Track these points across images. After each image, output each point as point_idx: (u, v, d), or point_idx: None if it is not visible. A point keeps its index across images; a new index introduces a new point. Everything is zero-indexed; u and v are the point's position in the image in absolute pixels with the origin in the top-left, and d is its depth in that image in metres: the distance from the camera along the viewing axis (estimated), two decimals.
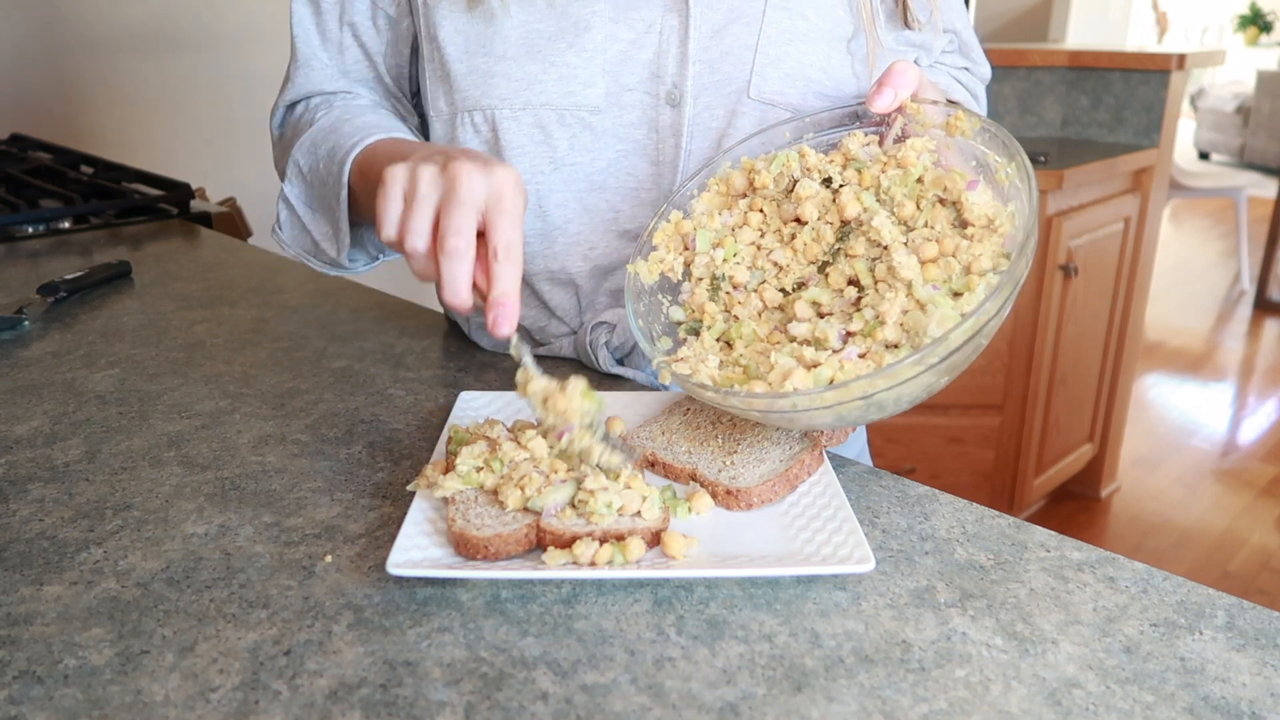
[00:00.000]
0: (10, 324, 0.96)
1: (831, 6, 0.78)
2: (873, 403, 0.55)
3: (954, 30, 0.90)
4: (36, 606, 0.51)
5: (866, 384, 0.53)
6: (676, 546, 0.53)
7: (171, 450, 0.69)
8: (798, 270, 0.67)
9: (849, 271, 0.64)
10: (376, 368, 0.85)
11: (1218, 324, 4.33)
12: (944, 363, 0.54)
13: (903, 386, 0.54)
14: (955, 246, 0.61)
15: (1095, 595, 0.52)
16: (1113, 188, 2.46)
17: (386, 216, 0.61)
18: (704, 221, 0.69)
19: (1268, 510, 2.75)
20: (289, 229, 0.83)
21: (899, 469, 2.37)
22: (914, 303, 0.59)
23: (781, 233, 0.68)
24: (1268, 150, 7.03)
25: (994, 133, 0.63)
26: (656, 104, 0.77)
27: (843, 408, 0.55)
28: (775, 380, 0.58)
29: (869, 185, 0.65)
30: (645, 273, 0.68)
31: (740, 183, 0.70)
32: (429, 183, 0.60)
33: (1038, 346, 2.31)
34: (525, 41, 0.75)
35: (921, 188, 0.64)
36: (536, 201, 0.79)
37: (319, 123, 0.81)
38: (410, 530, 0.54)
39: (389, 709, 0.44)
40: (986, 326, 0.54)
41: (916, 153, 0.64)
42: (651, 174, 0.79)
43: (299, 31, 0.85)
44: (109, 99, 2.33)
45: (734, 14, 0.76)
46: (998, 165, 0.63)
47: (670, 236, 0.69)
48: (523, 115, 0.76)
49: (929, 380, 0.55)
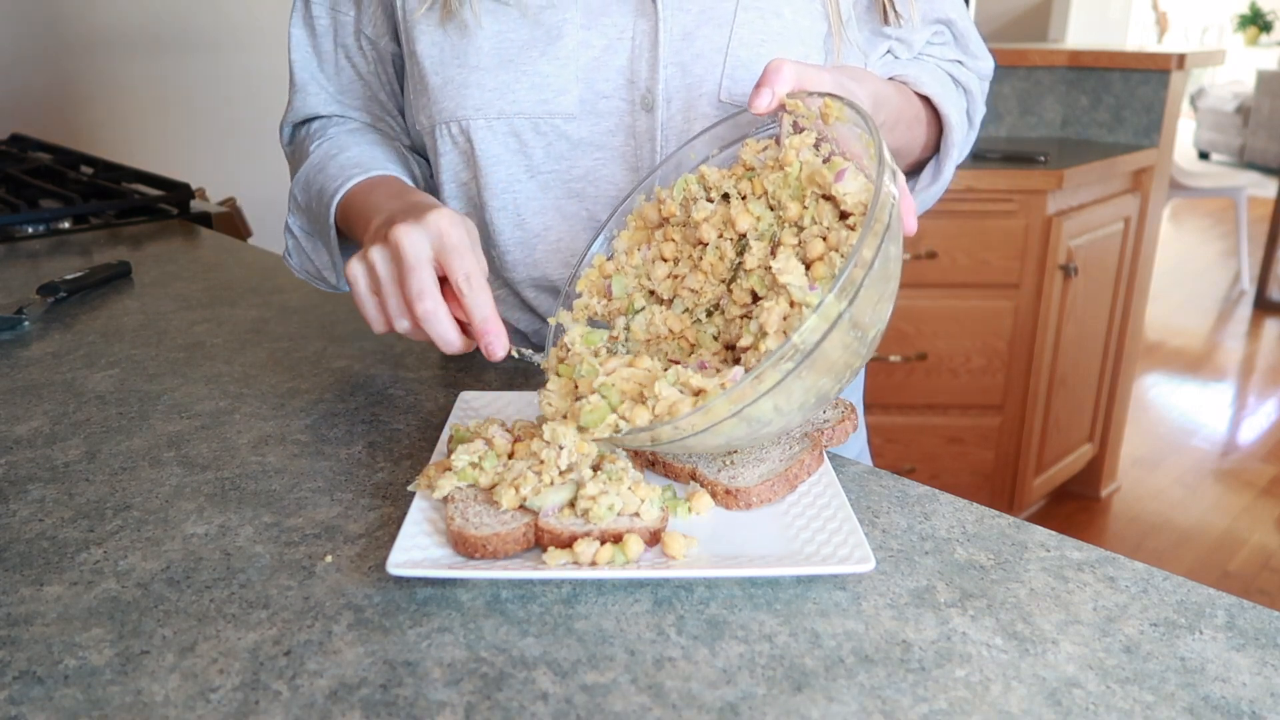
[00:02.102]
0: (10, 324, 0.96)
1: (806, 5, 0.77)
2: (749, 418, 0.53)
3: (947, 21, 0.88)
4: (36, 606, 0.51)
5: (728, 401, 0.51)
6: (676, 546, 0.53)
7: (171, 450, 0.69)
8: (710, 292, 0.66)
9: (748, 285, 0.63)
10: (376, 368, 0.85)
11: (1218, 324, 4.33)
12: (810, 360, 0.51)
13: (775, 395, 0.52)
14: (838, 240, 0.59)
15: (1095, 595, 0.52)
16: (1113, 188, 2.46)
17: (368, 317, 0.68)
18: (623, 261, 0.69)
19: (1268, 510, 2.75)
20: (296, 256, 0.88)
21: (899, 469, 2.37)
22: (796, 309, 0.57)
23: (692, 258, 0.67)
24: (1268, 150, 7.03)
25: (856, 109, 0.60)
26: (633, 109, 0.77)
27: (720, 427, 0.53)
28: (661, 411, 0.56)
29: (758, 194, 0.64)
30: (569, 322, 0.68)
31: (653, 215, 0.69)
32: (383, 266, 0.65)
33: (1038, 346, 2.31)
34: (498, 51, 0.76)
35: (803, 186, 0.63)
36: (515, 210, 0.80)
37: (311, 157, 0.84)
38: (410, 530, 0.54)
39: (389, 709, 0.44)
40: (847, 315, 0.51)
41: (796, 150, 0.63)
42: (630, 180, 0.79)
43: (296, 55, 0.87)
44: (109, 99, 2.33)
45: (704, 16, 0.76)
46: (868, 143, 0.60)
47: (594, 281, 0.69)
48: (497, 124, 0.77)
49: (807, 382, 0.52)
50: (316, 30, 0.86)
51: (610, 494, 0.55)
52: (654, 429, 0.54)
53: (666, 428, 0.53)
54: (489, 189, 0.79)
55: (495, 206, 0.80)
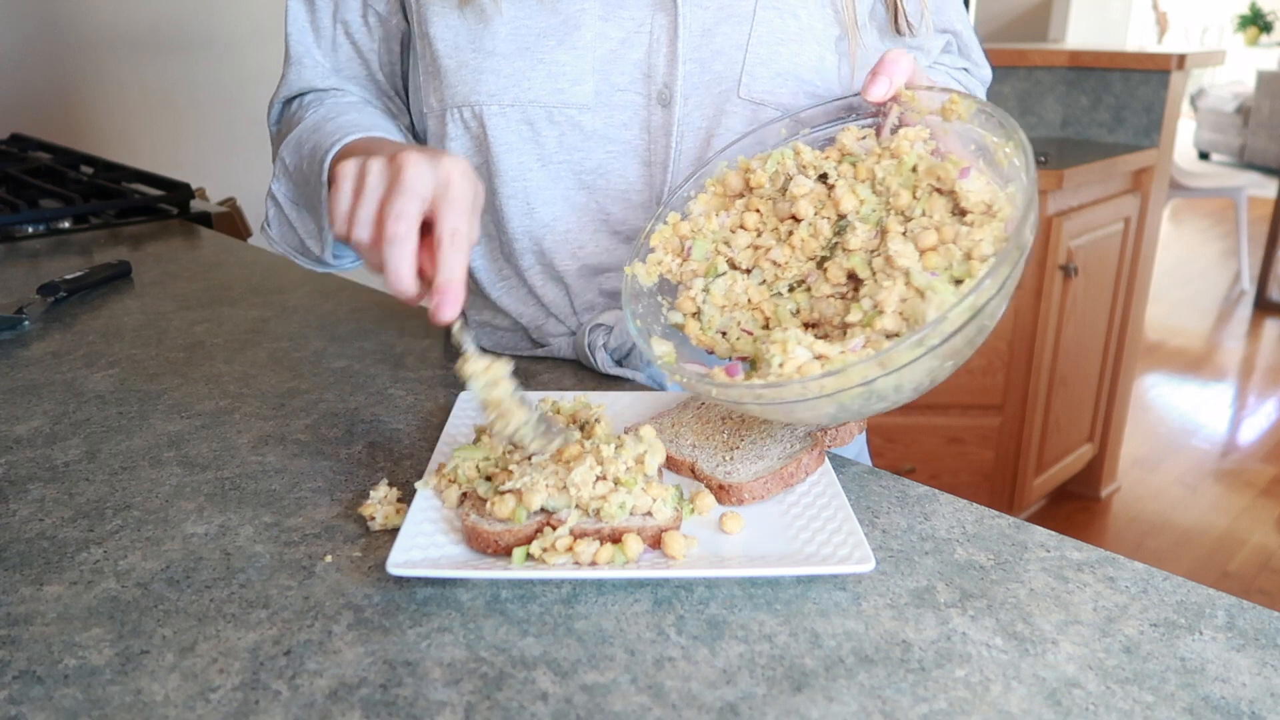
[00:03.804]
0: (10, 324, 0.96)
1: (821, 7, 0.78)
2: (874, 390, 0.54)
3: (953, 31, 0.90)
4: (36, 606, 0.51)
5: (865, 369, 0.52)
6: (676, 547, 0.53)
7: (171, 450, 0.69)
8: (796, 268, 0.66)
9: (847, 265, 0.64)
10: (376, 368, 0.85)
11: (1218, 324, 4.33)
12: (945, 345, 0.53)
13: (903, 372, 0.53)
14: (955, 234, 0.60)
15: (1095, 595, 0.52)
16: (1113, 188, 2.46)
17: (336, 210, 0.62)
18: (701, 224, 0.69)
19: (1268, 510, 2.75)
20: (277, 226, 0.83)
21: (899, 469, 2.37)
22: (913, 291, 0.58)
23: (779, 231, 0.68)
24: (1268, 150, 7.02)
25: (990, 113, 0.62)
26: (648, 104, 0.77)
27: (843, 395, 0.54)
28: (781, 372, 0.56)
29: (864, 178, 0.65)
30: (644, 275, 0.68)
31: (736, 183, 0.69)
32: (376, 175, 0.60)
33: (1038, 346, 2.31)
34: (515, 38, 0.76)
35: (916, 177, 0.63)
36: (525, 199, 0.80)
37: (305, 120, 0.81)
38: (410, 530, 0.54)
39: (389, 709, 0.44)
40: (987, 307, 0.53)
41: (910, 142, 0.64)
42: (643, 175, 0.79)
43: (293, 29, 0.85)
44: (109, 99, 2.33)
45: (724, 13, 0.76)
46: (996, 146, 0.62)
47: (668, 239, 0.69)
48: (510, 112, 0.77)
49: (930, 365, 0.54)
50: (316, 4, 0.84)
51: (622, 492, 0.55)
52: (782, 385, 0.54)
53: (795, 385, 0.53)
54: (499, 175, 0.79)
55: (505, 194, 0.80)
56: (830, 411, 0.57)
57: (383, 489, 0.60)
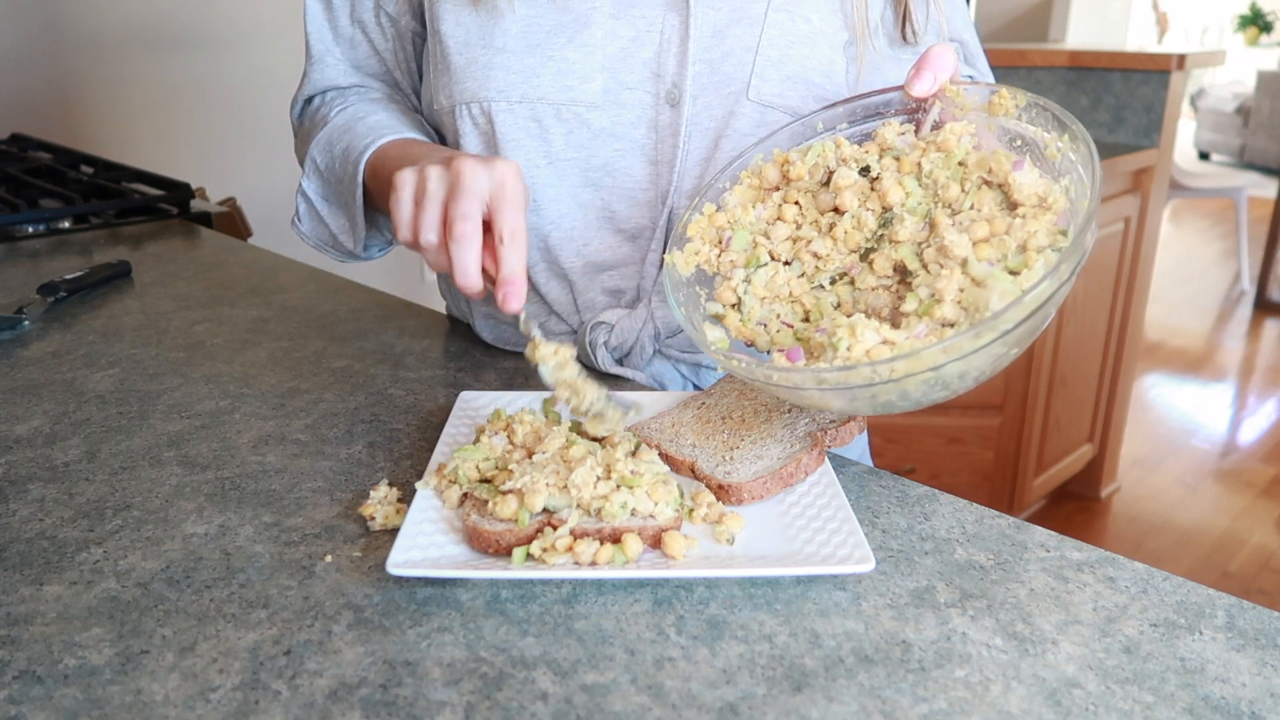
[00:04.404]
0: (10, 324, 0.96)
1: (832, 11, 0.78)
2: (940, 377, 0.53)
3: (960, 40, 0.90)
4: (36, 606, 0.51)
5: (935, 354, 0.51)
6: (676, 547, 0.53)
7: (171, 450, 0.69)
8: (838, 260, 0.66)
9: (895, 257, 0.63)
10: (376, 368, 0.85)
11: (1218, 324, 4.33)
12: (1016, 330, 0.52)
13: (971, 358, 0.53)
14: (1008, 226, 0.59)
15: (1095, 595, 0.52)
16: (1113, 188, 2.46)
17: (400, 219, 0.65)
18: (738, 215, 0.68)
19: (1268, 510, 2.75)
20: (308, 221, 0.87)
21: (899, 469, 2.37)
22: (969, 280, 0.58)
23: (819, 224, 0.67)
24: (1268, 150, 7.03)
25: (1043, 107, 0.62)
26: (657, 103, 0.77)
27: (908, 382, 0.53)
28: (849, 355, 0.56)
29: (909, 171, 0.65)
30: (682, 264, 0.67)
31: (773, 175, 0.68)
32: (436, 181, 0.64)
33: (1038, 346, 2.31)
34: (525, 35, 0.76)
35: (965, 170, 0.63)
36: (531, 195, 0.80)
37: (334, 120, 0.84)
38: (410, 530, 0.55)
39: (389, 709, 0.44)
40: (1056, 294, 0.53)
41: (956, 137, 0.63)
42: (649, 174, 0.79)
43: (313, 29, 0.88)
44: (109, 99, 2.33)
45: (735, 15, 0.76)
46: (1047, 141, 0.61)
47: (705, 229, 0.68)
48: (519, 108, 0.77)
49: (997, 351, 0.54)
50: (333, 4, 0.86)
51: (624, 492, 0.55)
52: (852, 368, 0.53)
53: (864, 369, 0.53)
54: None
55: None
56: (890, 399, 0.56)
57: (383, 489, 0.60)
